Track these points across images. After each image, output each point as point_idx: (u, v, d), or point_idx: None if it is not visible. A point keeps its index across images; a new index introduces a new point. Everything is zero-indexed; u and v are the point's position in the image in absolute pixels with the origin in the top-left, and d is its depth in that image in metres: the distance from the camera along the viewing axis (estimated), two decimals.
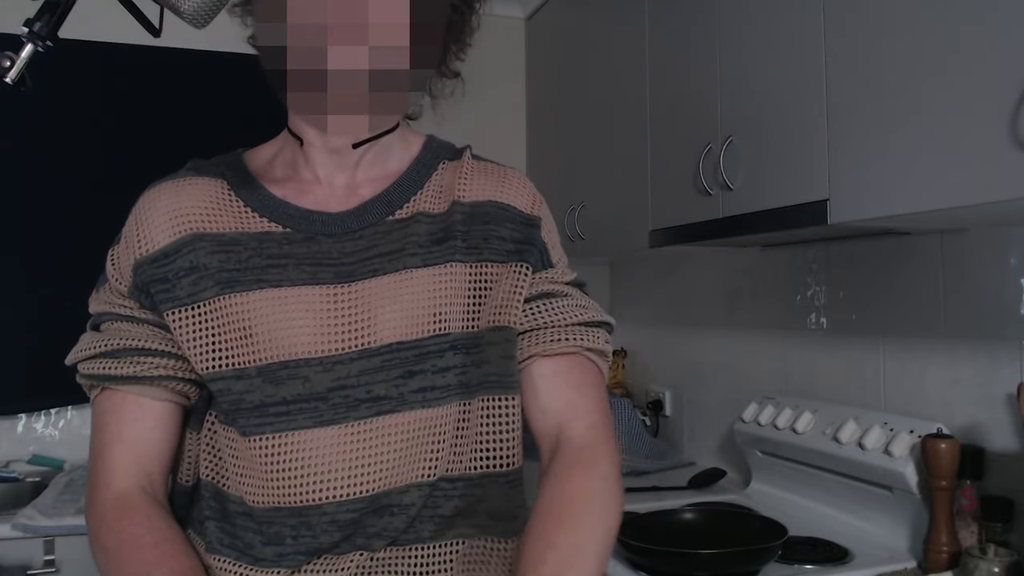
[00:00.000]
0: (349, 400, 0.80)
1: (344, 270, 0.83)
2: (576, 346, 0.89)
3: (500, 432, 0.86)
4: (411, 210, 0.87)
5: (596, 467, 0.85)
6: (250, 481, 0.81)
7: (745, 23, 1.61)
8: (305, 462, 0.80)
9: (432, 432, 0.82)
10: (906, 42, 1.23)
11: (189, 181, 0.88)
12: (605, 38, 2.23)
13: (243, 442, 0.81)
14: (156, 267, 0.83)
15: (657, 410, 2.48)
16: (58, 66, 1.55)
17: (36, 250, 2.30)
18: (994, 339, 1.45)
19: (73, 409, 2.35)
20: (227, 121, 2.33)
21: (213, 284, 0.82)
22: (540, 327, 0.89)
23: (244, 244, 0.84)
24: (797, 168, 1.45)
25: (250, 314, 0.81)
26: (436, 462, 0.82)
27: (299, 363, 0.80)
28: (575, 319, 0.90)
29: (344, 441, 0.80)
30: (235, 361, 0.81)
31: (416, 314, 0.82)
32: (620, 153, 2.12)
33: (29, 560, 1.79)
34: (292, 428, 0.80)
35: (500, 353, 0.86)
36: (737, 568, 1.39)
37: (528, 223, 0.90)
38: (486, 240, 0.87)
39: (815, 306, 1.88)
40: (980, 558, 1.25)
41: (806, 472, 1.75)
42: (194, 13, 0.74)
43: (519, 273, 0.88)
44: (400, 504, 0.81)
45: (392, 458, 0.81)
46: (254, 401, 0.80)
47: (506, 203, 0.90)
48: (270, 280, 0.82)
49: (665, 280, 2.52)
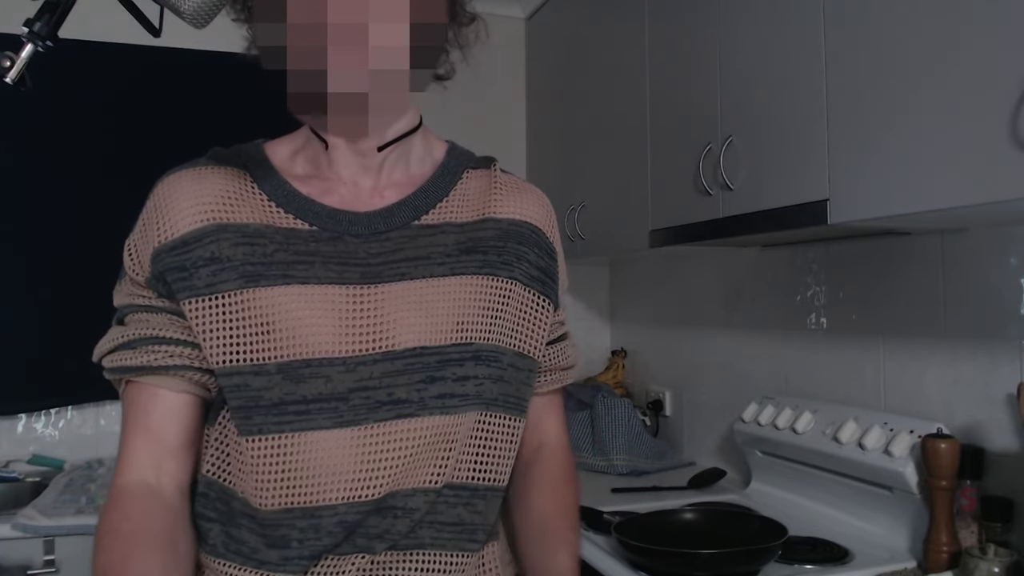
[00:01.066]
0: (370, 402, 0.80)
1: (371, 271, 0.83)
2: (563, 384, 1.01)
3: (507, 450, 0.89)
4: (438, 217, 0.88)
5: (573, 471, 1.01)
6: (260, 481, 0.80)
7: (745, 23, 1.61)
8: (322, 462, 0.79)
9: (445, 439, 0.82)
10: (906, 42, 1.23)
11: (211, 170, 0.86)
12: (605, 38, 2.23)
13: (256, 440, 0.79)
14: (175, 255, 0.81)
15: (657, 410, 2.48)
16: (58, 66, 1.55)
17: (36, 250, 2.30)
18: (994, 339, 1.45)
19: (73, 409, 2.34)
20: (227, 121, 2.33)
21: (236, 277, 0.80)
22: (551, 369, 0.98)
23: (269, 238, 0.82)
24: (797, 168, 1.45)
25: (274, 309, 0.79)
26: (444, 469, 0.83)
27: (322, 362, 0.79)
28: (569, 362, 1.00)
29: (362, 442, 0.79)
30: (255, 356, 0.79)
31: (440, 321, 0.83)
32: (620, 153, 2.13)
33: (29, 560, 1.79)
34: (311, 428, 0.79)
35: (522, 380, 0.89)
36: (737, 568, 1.39)
37: (551, 254, 0.94)
38: (518, 260, 0.89)
39: (815, 306, 1.88)
40: (980, 558, 1.25)
41: (806, 472, 1.75)
42: (194, 13, 0.74)
43: (544, 309, 0.91)
44: (405, 507, 0.81)
45: (405, 462, 0.80)
46: (272, 399, 0.79)
47: (539, 227, 0.94)
48: (296, 276, 0.80)
49: (665, 280, 2.52)
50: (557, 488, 0.97)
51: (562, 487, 0.97)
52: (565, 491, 0.97)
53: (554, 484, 0.97)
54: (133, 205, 0.88)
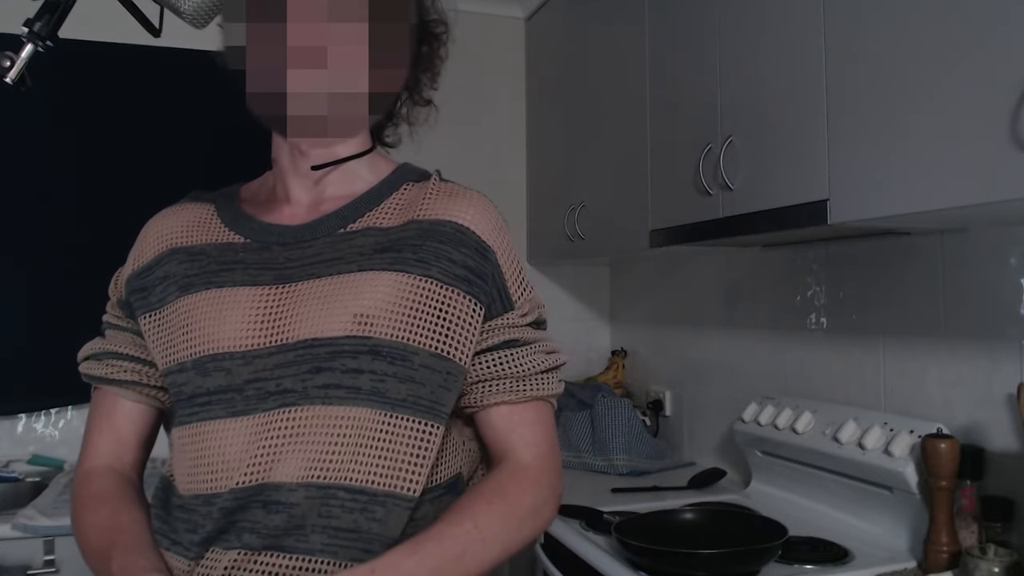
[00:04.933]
0: (260, 392, 0.83)
1: (285, 273, 0.87)
2: (534, 396, 0.91)
3: (416, 456, 0.83)
4: (363, 224, 0.90)
5: (536, 486, 0.88)
6: (180, 469, 0.87)
7: (745, 23, 1.61)
8: (215, 450, 0.83)
9: (329, 431, 0.81)
10: (906, 42, 1.23)
11: (184, 207, 0.98)
12: (605, 38, 2.23)
13: (177, 431, 0.88)
14: (139, 279, 0.93)
15: (657, 410, 2.48)
16: (58, 66, 1.55)
17: (36, 250, 2.30)
18: (994, 339, 1.45)
19: (73, 409, 2.35)
20: (227, 121, 2.32)
21: (176, 289, 0.89)
22: (502, 377, 0.90)
23: (207, 253, 0.91)
24: (797, 168, 1.45)
25: (193, 312, 0.87)
26: (331, 464, 0.80)
27: (224, 356, 0.84)
28: (535, 368, 0.91)
29: (248, 431, 0.82)
30: (179, 356, 0.87)
31: (338, 314, 0.83)
32: (620, 153, 2.12)
33: (29, 560, 1.79)
34: (210, 417, 0.84)
35: (438, 382, 0.85)
36: (737, 568, 1.39)
37: (482, 253, 0.90)
38: (436, 258, 0.87)
39: (815, 306, 1.88)
40: (980, 558, 1.25)
41: (806, 472, 1.75)
42: (194, 13, 0.74)
43: (470, 310, 0.87)
44: (285, 502, 0.79)
45: (280, 449, 0.80)
46: (187, 392, 0.86)
47: (465, 226, 0.90)
48: (217, 282, 0.88)
49: (665, 280, 2.52)
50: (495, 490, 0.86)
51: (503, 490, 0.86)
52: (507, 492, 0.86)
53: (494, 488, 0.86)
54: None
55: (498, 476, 0.88)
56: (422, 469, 0.84)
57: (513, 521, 0.86)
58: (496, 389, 0.90)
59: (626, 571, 1.43)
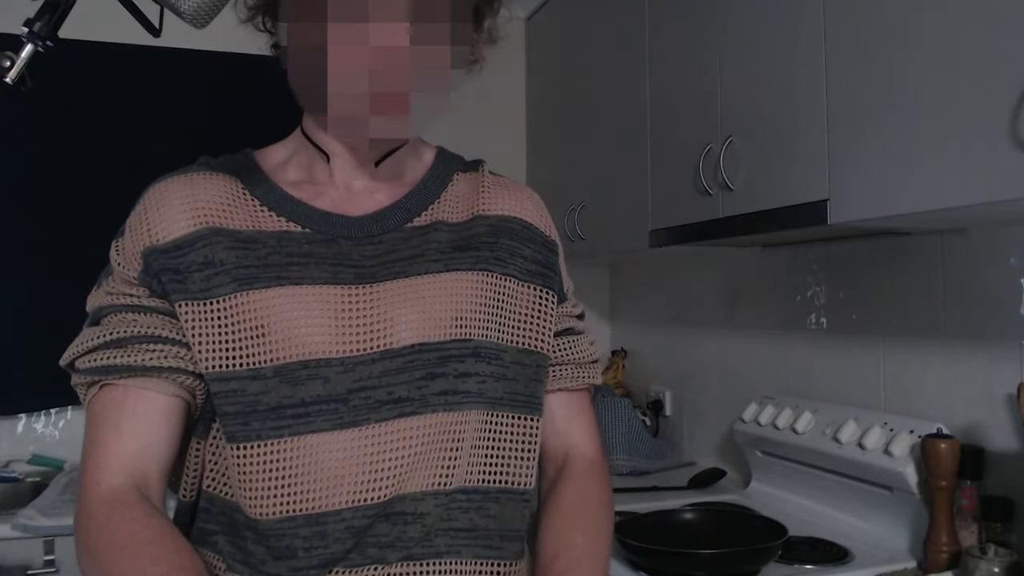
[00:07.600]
0: (370, 402, 0.78)
1: (365, 272, 0.82)
2: (589, 383, 0.97)
3: (522, 451, 0.86)
4: (430, 218, 0.88)
5: (607, 480, 0.95)
6: (259, 490, 0.77)
7: (745, 23, 1.61)
8: (324, 466, 0.77)
9: (451, 438, 0.81)
10: (906, 42, 1.23)
11: (203, 176, 0.85)
12: (605, 38, 2.23)
13: (253, 447, 0.77)
14: (168, 258, 0.79)
15: (657, 410, 2.48)
16: (58, 66, 1.54)
17: (36, 250, 2.30)
18: (994, 339, 1.45)
19: (73, 409, 2.35)
20: (227, 121, 2.33)
21: (230, 280, 0.78)
22: (563, 363, 0.94)
23: (262, 242, 0.81)
24: (797, 168, 1.45)
25: (268, 311, 0.78)
26: (453, 470, 0.81)
27: (319, 363, 0.78)
28: (589, 357, 0.97)
29: (364, 443, 0.78)
30: (250, 360, 0.77)
31: (437, 317, 0.82)
32: (620, 153, 2.12)
33: (29, 560, 1.78)
34: (311, 431, 0.77)
35: (529, 376, 0.88)
36: (737, 568, 1.39)
37: (548, 247, 0.93)
38: (511, 256, 0.89)
39: (815, 306, 1.88)
40: (980, 558, 1.25)
41: (806, 472, 1.75)
42: (194, 13, 0.74)
43: (546, 301, 0.90)
44: (415, 512, 0.79)
45: (409, 461, 0.79)
46: (270, 403, 0.77)
47: (530, 222, 0.93)
48: (290, 277, 0.79)
49: (665, 280, 2.52)
50: (578, 481, 0.93)
51: (583, 481, 0.93)
52: (590, 486, 0.93)
53: (574, 479, 0.93)
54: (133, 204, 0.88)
55: (581, 478, 0.93)
56: (530, 462, 0.87)
57: (605, 525, 0.93)
58: (558, 375, 0.94)
59: (626, 571, 1.43)
